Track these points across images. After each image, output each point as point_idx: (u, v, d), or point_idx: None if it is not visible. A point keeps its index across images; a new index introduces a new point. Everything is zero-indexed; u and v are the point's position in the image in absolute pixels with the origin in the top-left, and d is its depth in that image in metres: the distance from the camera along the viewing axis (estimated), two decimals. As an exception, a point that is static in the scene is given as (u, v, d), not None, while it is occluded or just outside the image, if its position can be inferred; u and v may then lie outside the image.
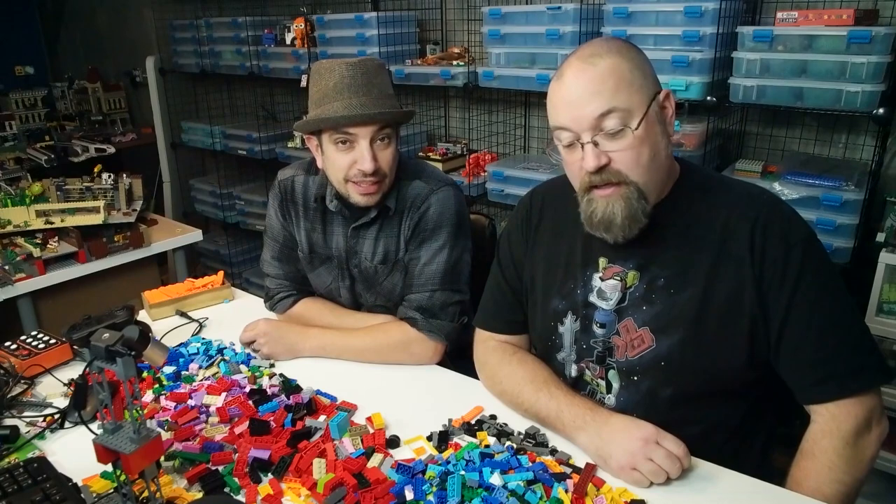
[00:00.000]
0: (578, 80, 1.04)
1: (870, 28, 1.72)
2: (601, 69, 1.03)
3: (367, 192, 1.40)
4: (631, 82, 1.03)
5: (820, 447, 1.06)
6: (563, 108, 1.06)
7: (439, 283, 1.46)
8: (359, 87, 1.34)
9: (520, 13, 2.36)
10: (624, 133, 1.03)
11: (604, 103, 1.02)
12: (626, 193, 1.05)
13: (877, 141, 1.91)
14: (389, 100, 1.38)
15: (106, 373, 0.90)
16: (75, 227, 2.26)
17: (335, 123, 1.34)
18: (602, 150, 1.05)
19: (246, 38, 3.28)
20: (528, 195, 1.36)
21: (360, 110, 1.33)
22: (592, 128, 1.04)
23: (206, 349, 1.49)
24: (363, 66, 1.35)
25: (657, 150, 1.06)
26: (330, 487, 1.03)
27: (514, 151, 2.84)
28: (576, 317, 1.20)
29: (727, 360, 1.10)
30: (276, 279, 1.63)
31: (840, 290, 1.08)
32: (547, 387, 1.19)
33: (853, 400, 1.05)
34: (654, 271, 1.13)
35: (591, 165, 1.05)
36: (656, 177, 1.09)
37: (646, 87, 1.05)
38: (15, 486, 0.97)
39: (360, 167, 1.36)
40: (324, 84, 1.35)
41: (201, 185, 3.94)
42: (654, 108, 1.05)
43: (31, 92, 4.08)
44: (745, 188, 1.16)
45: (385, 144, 1.38)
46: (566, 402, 1.15)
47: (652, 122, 1.05)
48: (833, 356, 1.06)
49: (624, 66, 1.04)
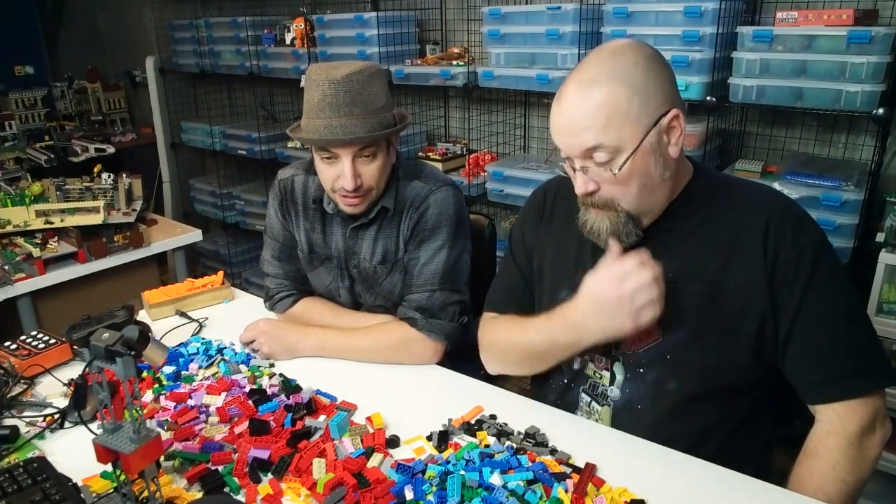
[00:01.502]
0: (571, 110, 1.03)
1: (870, 28, 1.72)
2: (595, 101, 1.00)
3: (351, 203, 1.41)
4: (626, 115, 1.00)
5: (825, 447, 1.07)
6: (556, 132, 1.07)
7: (439, 283, 1.46)
8: (340, 107, 1.32)
9: (520, 13, 2.36)
10: (611, 166, 1.03)
11: (591, 139, 1.01)
12: (613, 217, 1.08)
13: (876, 141, 1.91)
14: (375, 116, 1.35)
15: (106, 373, 0.90)
16: (75, 227, 2.26)
17: (315, 144, 1.35)
18: (591, 178, 1.06)
19: (246, 38, 3.28)
20: (542, 186, 1.37)
21: (339, 133, 1.31)
22: (582, 157, 1.04)
23: (206, 349, 1.49)
24: (347, 84, 1.31)
25: (648, 179, 1.05)
26: (330, 487, 1.03)
27: (513, 151, 2.84)
28: None
29: (733, 358, 1.10)
30: (276, 279, 1.63)
31: (849, 292, 1.09)
32: (531, 323, 1.21)
33: (859, 401, 1.06)
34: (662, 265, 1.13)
35: (578, 191, 1.07)
36: (650, 201, 1.09)
37: (644, 116, 1.01)
38: (15, 486, 0.96)
39: (341, 184, 1.37)
40: (310, 97, 1.35)
41: (201, 185, 3.94)
42: (652, 137, 1.02)
43: (30, 92, 4.07)
44: (757, 188, 1.16)
45: (369, 160, 1.38)
46: (550, 323, 1.16)
47: (645, 154, 1.02)
48: (841, 357, 1.07)
49: (621, 95, 1.00)
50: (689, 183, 1.15)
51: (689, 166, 1.16)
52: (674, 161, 1.07)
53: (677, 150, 1.06)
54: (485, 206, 2.74)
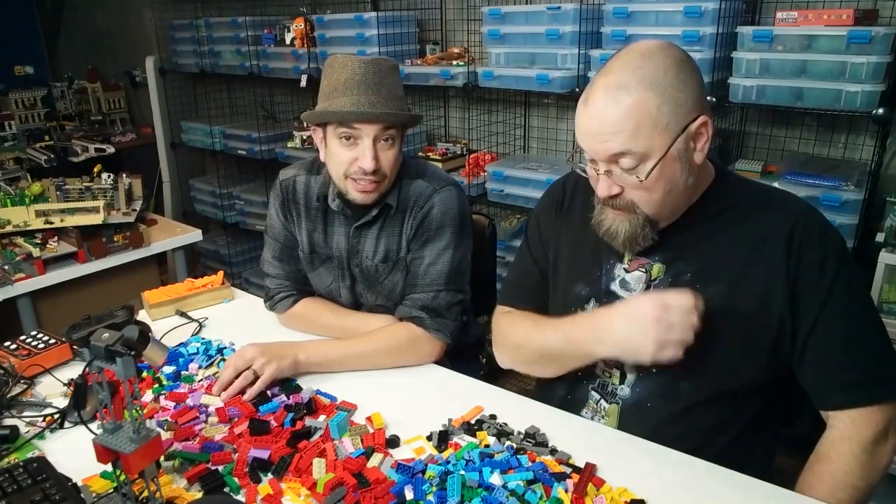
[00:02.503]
0: (599, 114, 1.02)
1: (869, 28, 1.72)
2: (624, 108, 0.99)
3: (365, 189, 1.40)
4: (655, 122, 0.99)
5: (837, 452, 1.07)
6: (583, 135, 1.06)
7: (444, 283, 1.46)
8: (369, 85, 1.34)
9: (519, 13, 2.36)
10: (638, 172, 1.03)
11: (619, 144, 1.01)
12: (633, 220, 1.08)
13: (876, 141, 1.91)
14: (398, 101, 1.38)
15: (106, 373, 0.90)
16: (75, 227, 2.26)
17: (341, 118, 1.34)
18: (615, 181, 1.06)
19: (246, 38, 3.28)
20: (561, 178, 1.37)
21: (368, 108, 1.33)
22: (608, 161, 1.04)
23: (206, 349, 1.49)
24: (376, 65, 1.35)
25: (673, 185, 1.05)
26: (330, 487, 1.03)
27: (513, 151, 2.84)
28: (598, 304, 1.21)
29: (747, 361, 1.10)
30: (276, 279, 1.63)
31: (868, 300, 1.11)
32: (550, 323, 1.21)
33: (874, 408, 1.06)
34: (680, 266, 1.14)
35: (601, 194, 1.07)
36: (671, 207, 1.09)
37: (674, 123, 1.01)
38: (15, 486, 0.96)
39: (360, 164, 1.36)
40: (335, 77, 1.36)
41: (201, 185, 3.94)
42: (679, 144, 1.02)
43: (30, 92, 4.07)
44: (781, 194, 1.16)
45: (389, 145, 1.39)
46: (569, 326, 1.16)
47: (672, 160, 1.02)
48: (859, 363, 1.07)
49: (651, 102, 0.99)
50: (710, 185, 1.14)
51: (710, 169, 1.16)
52: (697, 167, 1.07)
53: (702, 156, 1.06)
54: (485, 206, 2.74)
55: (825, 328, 1.06)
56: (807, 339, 1.08)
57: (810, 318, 1.07)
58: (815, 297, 1.06)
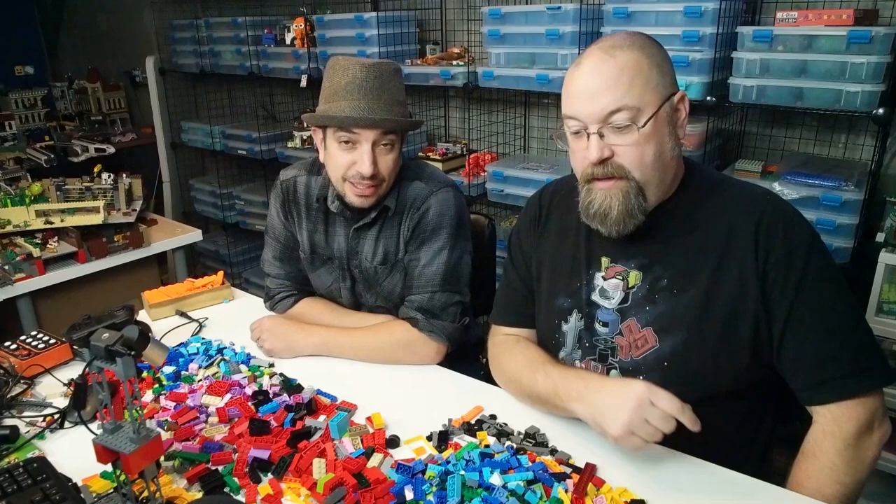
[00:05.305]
0: (594, 72, 1.05)
1: (869, 28, 1.72)
2: (619, 62, 1.03)
3: (363, 193, 1.40)
4: (647, 79, 1.04)
5: (821, 448, 1.06)
6: (575, 98, 1.07)
7: (439, 284, 1.46)
8: (370, 90, 1.34)
9: (519, 13, 2.36)
10: (630, 129, 1.04)
11: (615, 99, 1.03)
12: (625, 188, 1.06)
13: (876, 141, 1.91)
14: (399, 106, 1.38)
15: (106, 373, 0.90)
16: (75, 227, 2.26)
17: (340, 122, 1.34)
18: (606, 143, 1.05)
19: (246, 38, 3.28)
20: (537, 193, 1.37)
21: (367, 113, 1.33)
22: (600, 120, 1.05)
23: (206, 349, 1.49)
24: (378, 69, 1.35)
25: (662, 149, 1.07)
26: (330, 487, 1.03)
27: (513, 151, 2.84)
28: (580, 315, 1.21)
29: (730, 361, 1.10)
30: (276, 279, 1.63)
31: (843, 291, 1.09)
32: (543, 367, 1.20)
33: (855, 401, 1.05)
34: (656, 271, 1.13)
35: (593, 156, 1.06)
36: (659, 176, 1.09)
37: (661, 87, 1.05)
38: (15, 486, 0.96)
39: (358, 169, 1.36)
40: (336, 80, 1.36)
41: (201, 185, 3.94)
42: (666, 109, 1.06)
43: (30, 92, 4.08)
44: (747, 188, 1.16)
45: (387, 150, 1.39)
46: (560, 377, 1.16)
47: (661, 121, 1.06)
48: (836, 357, 1.06)
49: (644, 61, 1.04)
50: (682, 182, 1.15)
51: (683, 167, 1.16)
52: (680, 144, 1.09)
53: (683, 132, 1.10)
54: (485, 207, 2.74)
55: (798, 323, 1.06)
56: (782, 335, 1.07)
57: (782, 313, 1.06)
58: (784, 292, 1.06)
